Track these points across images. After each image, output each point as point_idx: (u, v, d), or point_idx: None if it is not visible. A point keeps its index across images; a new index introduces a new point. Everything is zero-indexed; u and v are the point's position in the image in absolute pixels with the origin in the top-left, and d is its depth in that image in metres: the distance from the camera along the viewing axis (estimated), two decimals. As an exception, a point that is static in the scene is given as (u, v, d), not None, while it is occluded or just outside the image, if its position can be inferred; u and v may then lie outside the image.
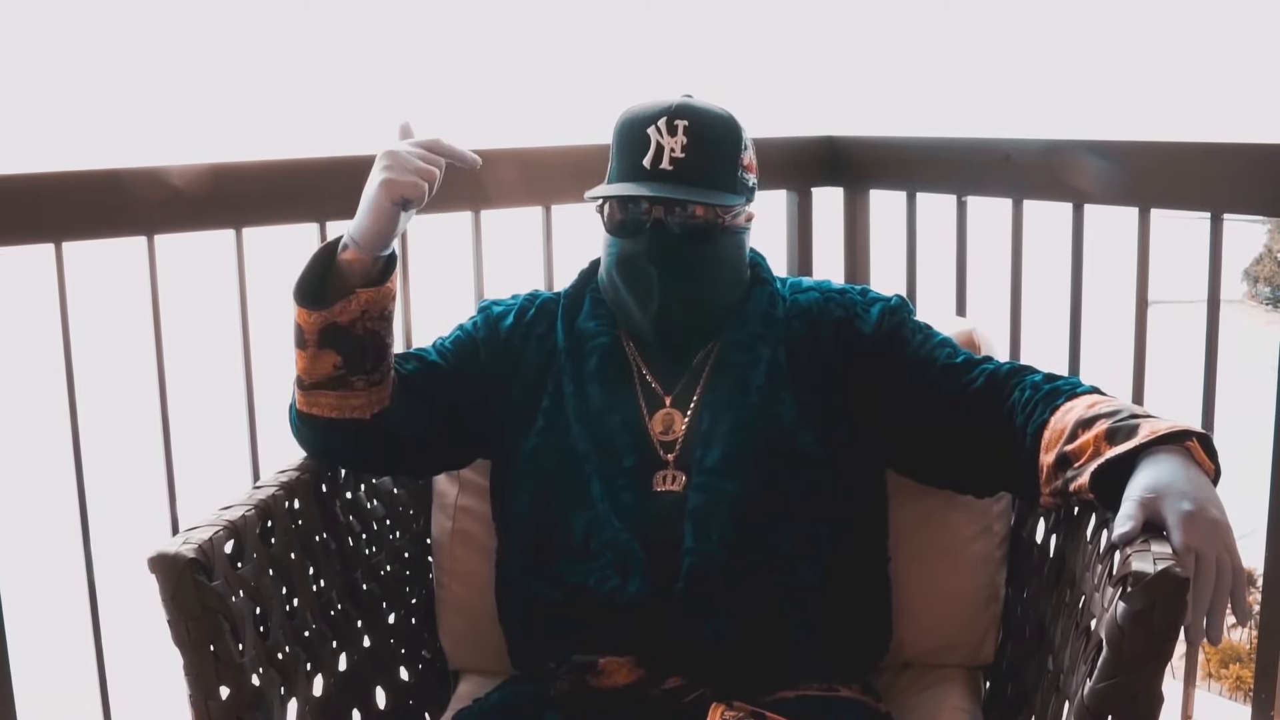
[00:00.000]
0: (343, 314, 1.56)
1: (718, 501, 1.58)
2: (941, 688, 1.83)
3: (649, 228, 1.62)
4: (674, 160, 1.60)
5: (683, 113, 1.61)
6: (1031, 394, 1.55)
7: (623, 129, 1.66)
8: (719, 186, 1.63)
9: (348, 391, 1.61)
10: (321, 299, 1.57)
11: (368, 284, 1.57)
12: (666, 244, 1.62)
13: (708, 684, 1.55)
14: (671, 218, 1.62)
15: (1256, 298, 27.75)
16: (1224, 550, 1.26)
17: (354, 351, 1.59)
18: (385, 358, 1.62)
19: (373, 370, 1.61)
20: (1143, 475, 1.32)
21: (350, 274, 1.57)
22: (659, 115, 1.61)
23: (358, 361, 1.59)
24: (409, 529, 1.95)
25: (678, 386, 1.69)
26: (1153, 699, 1.18)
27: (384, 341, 1.61)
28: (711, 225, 1.64)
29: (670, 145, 1.60)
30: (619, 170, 1.65)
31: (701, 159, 1.61)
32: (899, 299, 1.75)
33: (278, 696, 1.52)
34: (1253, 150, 2.13)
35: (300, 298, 1.58)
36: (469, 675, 1.94)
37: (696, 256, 1.64)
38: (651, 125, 1.61)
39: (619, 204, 1.65)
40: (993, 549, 1.86)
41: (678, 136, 1.60)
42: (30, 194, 2.05)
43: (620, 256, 1.66)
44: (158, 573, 1.40)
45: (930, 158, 2.64)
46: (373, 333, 1.59)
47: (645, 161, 1.60)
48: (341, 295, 1.56)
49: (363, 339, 1.58)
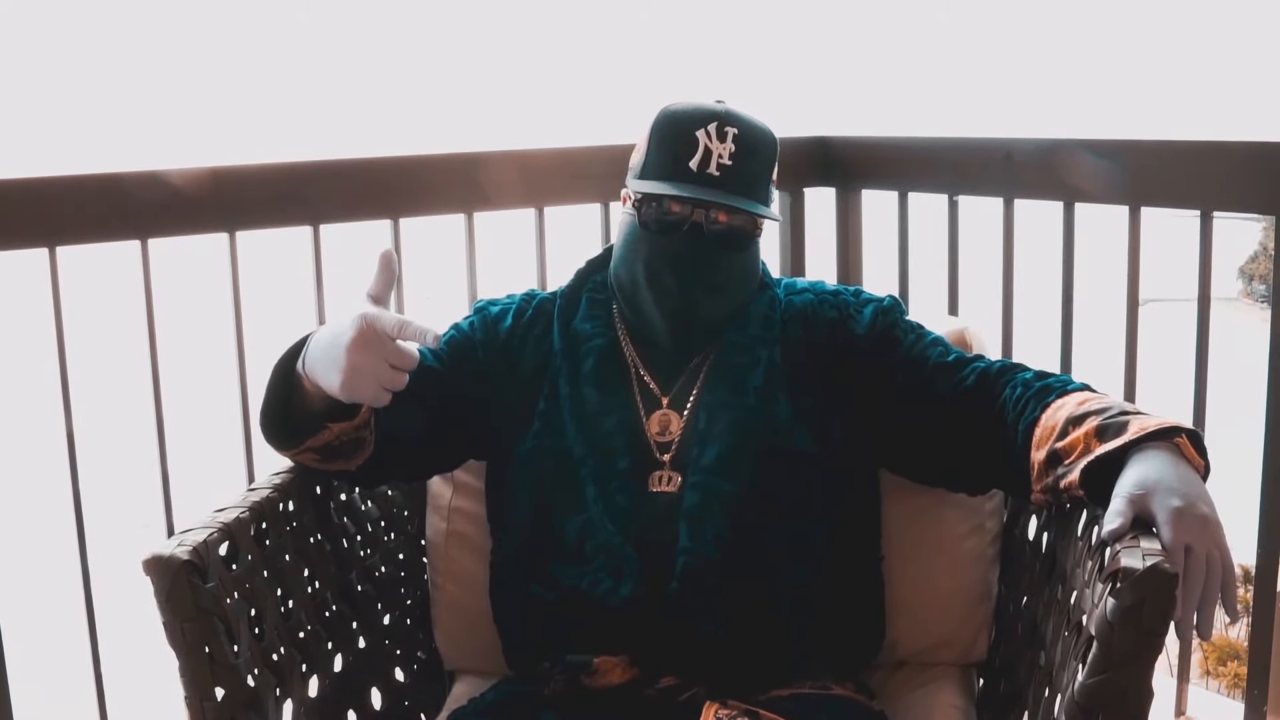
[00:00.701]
0: (315, 442, 1.56)
1: (713, 501, 1.59)
2: (935, 685, 1.84)
3: (685, 230, 1.62)
4: (721, 166, 1.60)
5: (733, 120, 1.62)
6: (1022, 392, 1.55)
7: (667, 126, 1.65)
8: (757, 197, 1.64)
9: (330, 461, 1.62)
10: (290, 431, 1.56)
11: (340, 418, 1.53)
12: (699, 247, 1.63)
13: (702, 683, 1.55)
14: (709, 223, 1.62)
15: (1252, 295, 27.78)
16: (1213, 546, 1.26)
17: (332, 453, 1.59)
18: (364, 447, 1.61)
19: (352, 457, 1.61)
20: (1132, 472, 1.33)
21: (315, 403, 1.51)
22: (709, 119, 1.62)
23: (336, 456, 1.60)
24: (403, 530, 1.96)
25: (675, 387, 1.69)
26: (1142, 694, 1.19)
27: (362, 443, 1.60)
28: (746, 234, 1.66)
29: (719, 151, 1.60)
30: (662, 167, 1.64)
31: (746, 168, 1.62)
32: (891, 299, 1.76)
33: (273, 697, 1.52)
34: (1242, 148, 2.14)
35: (269, 437, 1.57)
36: (464, 676, 1.95)
37: (725, 262, 1.66)
38: (701, 128, 1.61)
39: (660, 202, 1.64)
40: (985, 546, 1.86)
41: (727, 143, 1.61)
42: (23, 197, 2.05)
43: (648, 253, 1.66)
44: (152, 575, 1.40)
45: (922, 158, 2.65)
46: (352, 440, 1.58)
47: (692, 163, 1.61)
48: (312, 431, 1.55)
49: (338, 447, 1.58)
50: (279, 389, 1.53)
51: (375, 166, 2.36)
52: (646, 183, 1.64)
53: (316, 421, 1.53)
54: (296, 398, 1.52)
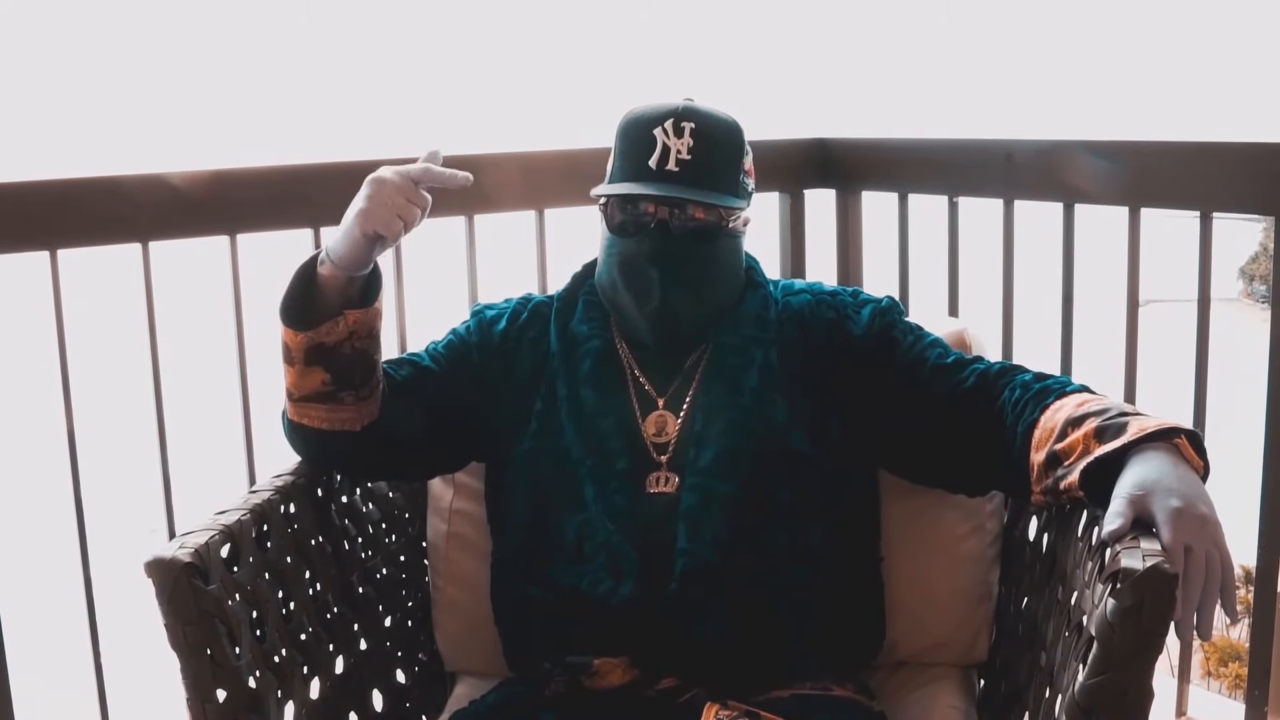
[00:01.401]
0: (329, 335, 1.57)
1: (710, 502, 1.59)
2: (935, 686, 1.84)
3: (652, 228, 1.62)
4: (680, 162, 1.60)
5: (689, 115, 1.62)
6: (1022, 393, 1.56)
7: (627, 129, 1.66)
8: (722, 189, 1.63)
9: (337, 405, 1.62)
10: (307, 319, 1.57)
11: (354, 305, 1.57)
12: (669, 244, 1.63)
13: (702, 684, 1.55)
14: (675, 219, 1.62)
15: (1252, 296, 27.77)
16: (1213, 546, 1.26)
17: (342, 369, 1.59)
18: (374, 373, 1.63)
19: (361, 386, 1.61)
20: (1131, 473, 1.33)
21: (332, 292, 1.56)
22: (665, 117, 1.62)
23: (346, 378, 1.60)
24: (404, 532, 1.96)
25: (671, 389, 1.70)
26: (1142, 694, 1.19)
27: (372, 359, 1.61)
28: (714, 227, 1.65)
29: (676, 147, 1.60)
30: (623, 170, 1.65)
31: (707, 161, 1.62)
32: (890, 300, 1.76)
33: (274, 700, 1.52)
34: (1242, 149, 2.14)
35: (286, 318, 1.58)
36: (465, 677, 1.95)
37: (697, 258, 1.65)
38: (658, 126, 1.61)
39: (622, 203, 1.65)
40: (985, 547, 1.86)
41: (684, 138, 1.61)
42: (24, 201, 2.06)
43: (622, 256, 1.66)
44: (154, 577, 1.40)
45: (922, 159, 2.66)
46: (360, 351, 1.59)
47: (651, 162, 1.61)
48: (328, 316, 1.56)
49: (350, 358, 1.59)
50: (301, 277, 1.58)
51: (376, 168, 2.36)
52: (604, 185, 1.66)
53: (333, 308, 1.56)
54: (315, 292, 1.57)
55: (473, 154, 2.44)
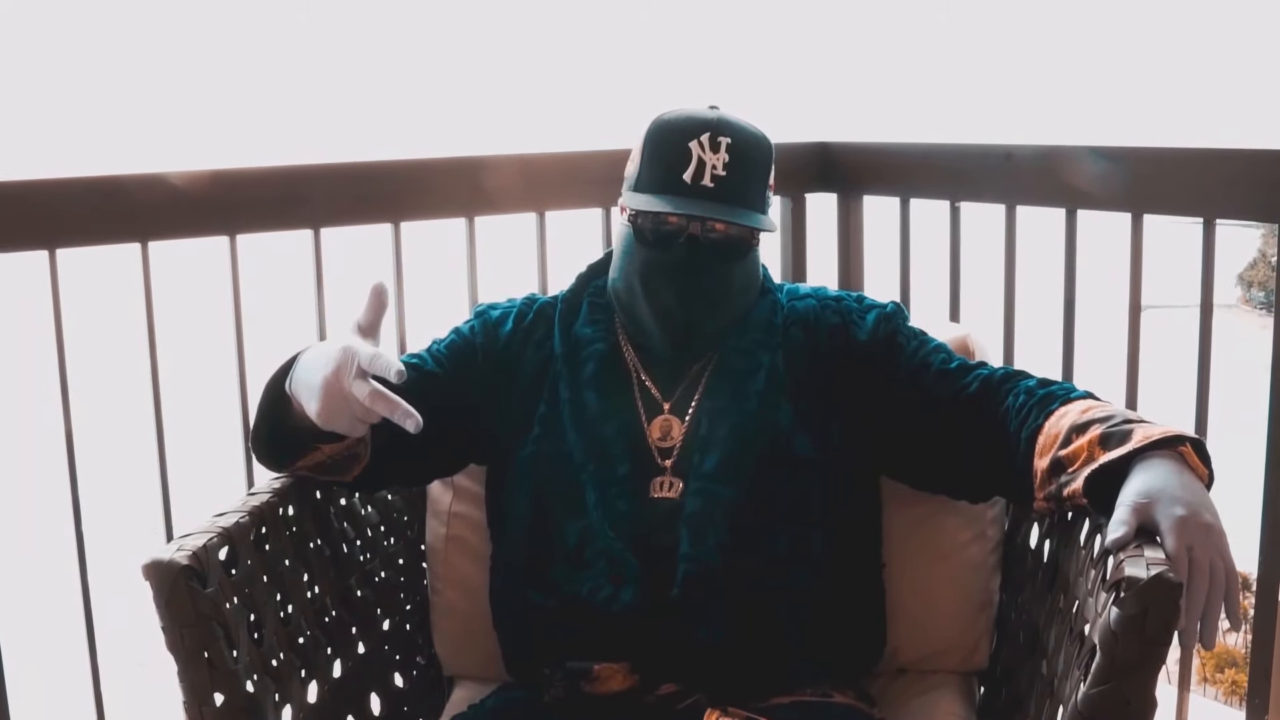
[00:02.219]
0: (307, 463, 1.57)
1: (714, 507, 1.59)
2: (936, 693, 1.83)
3: (681, 242, 1.62)
4: (715, 178, 1.59)
5: (725, 129, 1.60)
6: (1025, 399, 1.55)
7: (660, 137, 1.64)
8: (754, 207, 1.63)
9: (324, 475, 1.63)
10: (281, 455, 1.57)
11: (330, 439, 1.53)
12: (695, 258, 1.62)
13: (702, 690, 1.55)
14: (706, 234, 1.61)
15: (1250, 302, 27.82)
16: (1217, 555, 1.26)
17: (325, 469, 1.60)
18: (358, 464, 1.60)
19: (346, 470, 1.61)
20: (1136, 480, 1.32)
21: (305, 424, 1.49)
22: (701, 129, 1.60)
23: (331, 472, 1.60)
24: (403, 535, 1.95)
25: (676, 393, 1.69)
26: (1146, 704, 1.18)
27: (357, 456, 1.59)
28: (743, 245, 1.65)
29: (712, 162, 1.59)
30: (656, 180, 1.63)
31: (741, 179, 1.61)
32: (894, 305, 1.76)
33: (272, 703, 1.52)
34: (1245, 155, 2.13)
35: (261, 457, 1.58)
36: (463, 681, 1.94)
37: (723, 273, 1.65)
38: (694, 139, 1.60)
39: (655, 216, 1.63)
40: (986, 554, 1.86)
41: (720, 154, 1.59)
42: (24, 200, 2.05)
43: (645, 265, 1.65)
44: (152, 580, 1.39)
45: (924, 164, 2.65)
46: (345, 457, 1.58)
47: (686, 176, 1.59)
48: (302, 452, 1.55)
49: (334, 465, 1.58)
50: (269, 408, 1.53)
51: (376, 170, 2.36)
52: (641, 196, 1.63)
53: (307, 442, 1.53)
54: (287, 417, 1.52)
55: (473, 155, 2.44)
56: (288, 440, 1.55)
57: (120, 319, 2.45)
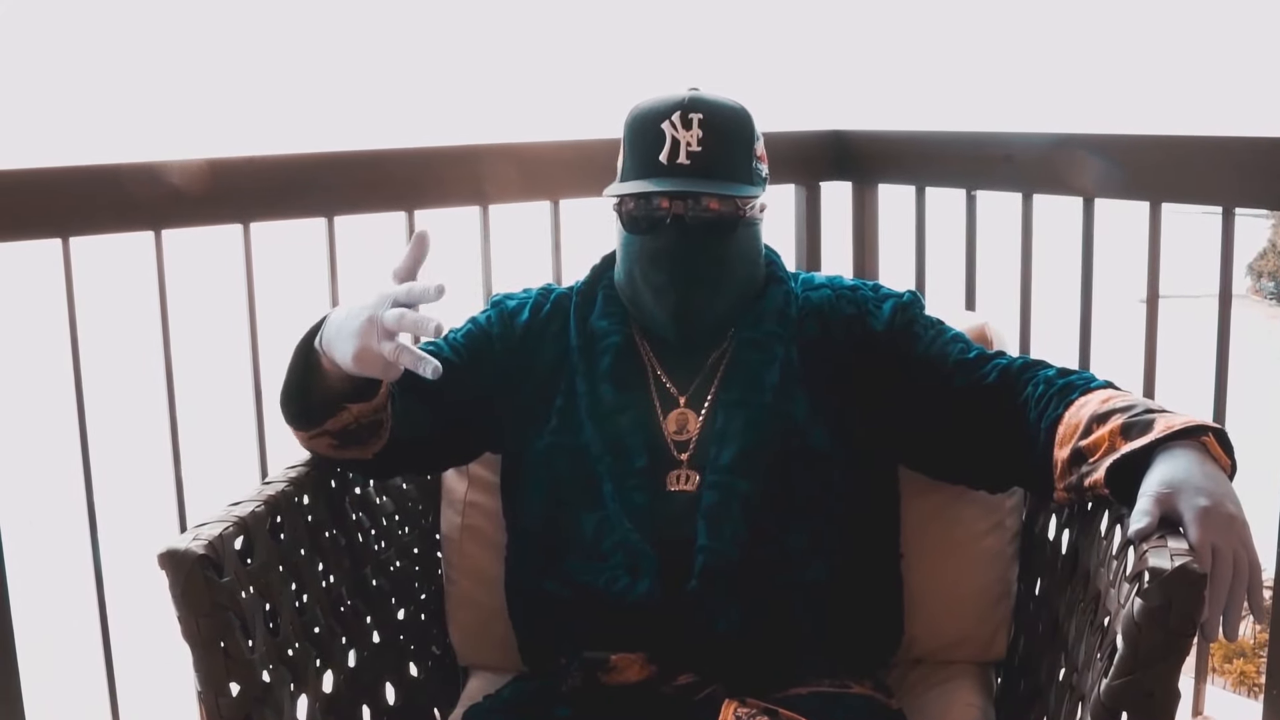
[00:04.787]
0: (334, 425, 1.54)
1: (731, 500, 1.58)
2: (953, 684, 1.82)
3: (668, 223, 1.61)
4: (690, 154, 1.58)
5: (696, 106, 1.60)
6: (1045, 389, 1.54)
7: (635, 125, 1.64)
8: (736, 178, 1.62)
9: (345, 447, 1.60)
10: (309, 416, 1.55)
11: (358, 399, 1.52)
12: (685, 239, 1.61)
13: (719, 681, 1.54)
14: (691, 212, 1.60)
15: (1260, 292, 27.76)
16: (1240, 546, 1.25)
17: (349, 437, 1.57)
18: (381, 429, 1.58)
19: (368, 442, 1.59)
20: (1158, 471, 1.31)
21: (334, 382, 1.48)
22: (672, 109, 1.60)
23: (353, 440, 1.58)
24: (418, 525, 1.95)
25: (692, 386, 1.68)
26: (1169, 695, 1.17)
27: (381, 425, 1.57)
28: (731, 218, 1.63)
29: (686, 139, 1.59)
30: (634, 167, 1.63)
31: (718, 152, 1.60)
32: (911, 295, 1.74)
33: (288, 693, 1.51)
34: (1263, 144, 2.12)
35: (288, 415, 1.56)
36: (478, 672, 1.94)
37: (715, 250, 1.63)
38: (665, 120, 1.60)
39: (637, 201, 1.63)
40: (1004, 544, 1.85)
41: (693, 130, 1.59)
42: (38, 188, 2.05)
43: (639, 253, 1.65)
44: (167, 569, 1.39)
45: (939, 152, 2.64)
46: (370, 423, 1.56)
47: (662, 157, 1.59)
48: (330, 412, 1.53)
49: (358, 430, 1.56)
50: (298, 368, 1.51)
51: (389, 158, 2.35)
52: (616, 185, 1.64)
53: (335, 402, 1.51)
54: (315, 378, 1.50)
55: (487, 143, 2.43)
56: (316, 401, 1.53)
57: (134, 307, 2.45)
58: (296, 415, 1.56)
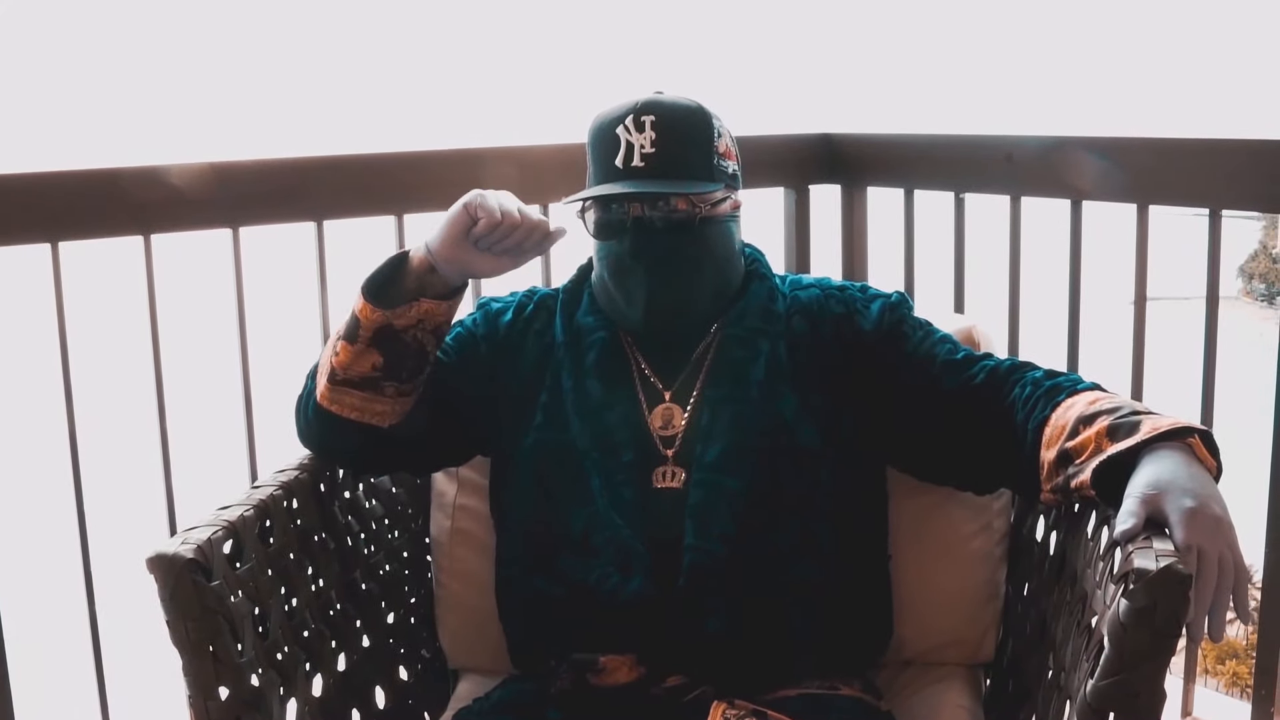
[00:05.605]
0: (400, 318, 1.55)
1: (718, 498, 1.58)
2: (942, 685, 1.83)
3: (630, 226, 1.62)
4: (645, 156, 1.59)
5: (649, 108, 1.61)
6: (1032, 390, 1.54)
7: (594, 133, 1.66)
8: (694, 177, 1.62)
9: (376, 395, 1.59)
10: (388, 298, 1.56)
11: (433, 296, 1.56)
12: (650, 240, 1.62)
13: (708, 682, 1.54)
14: (652, 213, 1.61)
15: (1251, 294, 27.83)
16: (1226, 547, 1.25)
17: (397, 357, 1.57)
18: (421, 372, 1.61)
19: (406, 380, 1.60)
20: (1144, 472, 1.32)
21: (415, 277, 1.56)
22: (626, 114, 1.61)
23: (397, 367, 1.58)
24: (408, 528, 1.95)
25: (677, 381, 1.69)
26: (1155, 696, 1.18)
27: (427, 357, 1.60)
28: (693, 216, 1.63)
29: (639, 142, 1.60)
30: (594, 174, 1.65)
31: (672, 151, 1.60)
32: (899, 295, 1.75)
33: (277, 697, 1.52)
34: (1251, 146, 2.13)
35: (369, 293, 1.57)
36: (469, 674, 1.94)
37: (682, 249, 1.64)
38: (619, 125, 1.61)
39: (599, 206, 1.64)
40: (993, 546, 1.85)
41: (645, 132, 1.60)
42: (26, 193, 2.05)
43: (607, 258, 1.67)
44: (156, 573, 1.39)
45: (928, 155, 2.65)
46: (420, 344, 1.57)
47: (618, 161, 1.60)
48: (405, 300, 1.55)
49: (409, 347, 1.57)
50: (387, 261, 1.58)
51: (379, 162, 2.36)
52: (576, 193, 1.65)
53: (414, 293, 1.56)
54: (400, 276, 1.57)
55: (477, 147, 2.43)
56: (397, 286, 1.57)
57: (123, 312, 2.44)
58: (376, 294, 1.57)
